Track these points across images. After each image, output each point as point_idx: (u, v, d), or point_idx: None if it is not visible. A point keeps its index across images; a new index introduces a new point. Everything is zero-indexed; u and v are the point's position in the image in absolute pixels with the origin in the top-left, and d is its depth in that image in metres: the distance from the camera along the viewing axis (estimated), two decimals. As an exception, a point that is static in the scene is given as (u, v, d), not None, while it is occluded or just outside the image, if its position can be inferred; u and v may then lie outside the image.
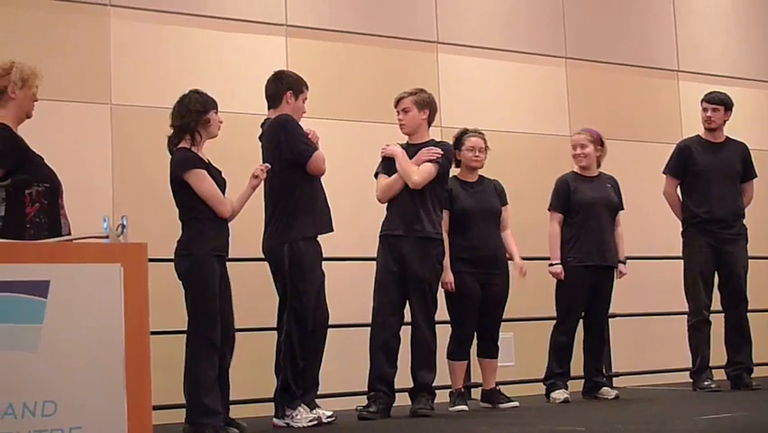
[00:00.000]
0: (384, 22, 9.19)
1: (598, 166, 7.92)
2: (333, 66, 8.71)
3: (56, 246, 3.63)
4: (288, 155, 6.33)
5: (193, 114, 6.03)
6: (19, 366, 3.23)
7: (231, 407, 6.34)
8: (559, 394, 7.55)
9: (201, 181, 5.94)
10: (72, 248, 3.57)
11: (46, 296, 3.29)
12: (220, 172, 6.14)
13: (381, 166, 7.02)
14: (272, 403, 6.44)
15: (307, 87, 6.59)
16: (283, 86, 6.55)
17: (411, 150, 6.99)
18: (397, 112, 7.07)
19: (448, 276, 7.12)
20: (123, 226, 3.54)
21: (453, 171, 7.45)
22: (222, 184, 6.10)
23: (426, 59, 9.37)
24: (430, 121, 7.10)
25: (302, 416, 6.20)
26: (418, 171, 6.84)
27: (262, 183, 6.29)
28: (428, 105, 7.06)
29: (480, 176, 7.48)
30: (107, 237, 3.54)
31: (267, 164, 6.22)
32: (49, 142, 5.46)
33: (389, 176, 6.93)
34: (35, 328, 3.26)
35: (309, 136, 6.43)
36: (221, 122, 6.18)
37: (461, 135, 7.48)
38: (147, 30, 8.14)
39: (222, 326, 5.99)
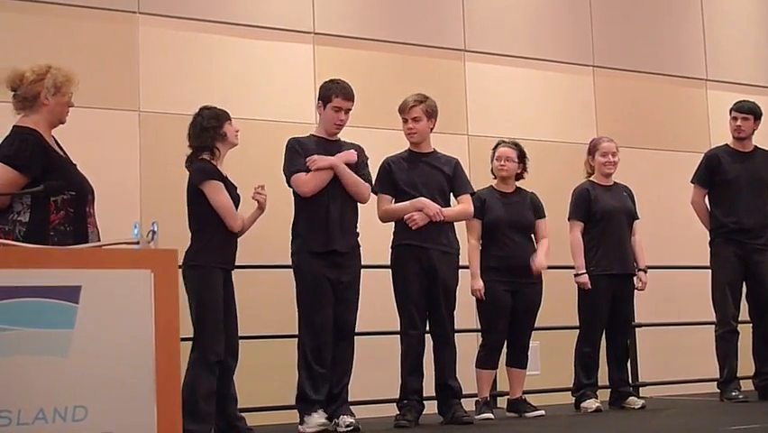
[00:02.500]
0: (412, 30, 9.20)
1: None
2: (361, 74, 8.70)
3: (87, 252, 3.65)
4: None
5: (209, 131, 6.11)
6: (50, 371, 3.24)
7: (259, 414, 6.38)
8: (590, 403, 7.51)
9: (216, 193, 6.01)
10: (103, 254, 3.58)
11: (77, 301, 3.31)
12: (236, 188, 6.19)
13: (380, 184, 6.93)
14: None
15: (339, 95, 6.56)
16: (318, 96, 6.69)
17: (418, 159, 6.98)
18: (405, 120, 6.98)
19: (478, 283, 7.15)
20: (154, 233, 3.55)
21: (491, 181, 7.51)
22: (236, 199, 6.15)
23: (454, 67, 9.38)
24: (432, 128, 7.10)
25: (314, 422, 6.28)
26: (468, 203, 7.00)
27: None
28: (435, 114, 7.03)
29: (517, 187, 7.49)
30: (138, 243, 3.55)
31: (261, 184, 6.34)
32: (77, 149, 5.46)
33: (391, 196, 6.92)
34: (67, 334, 3.28)
35: (308, 161, 6.46)
36: (237, 130, 6.24)
37: (495, 147, 7.50)
38: (175, 37, 8.18)
39: (225, 336, 6.03)
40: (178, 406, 3.48)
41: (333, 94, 6.59)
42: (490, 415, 7.17)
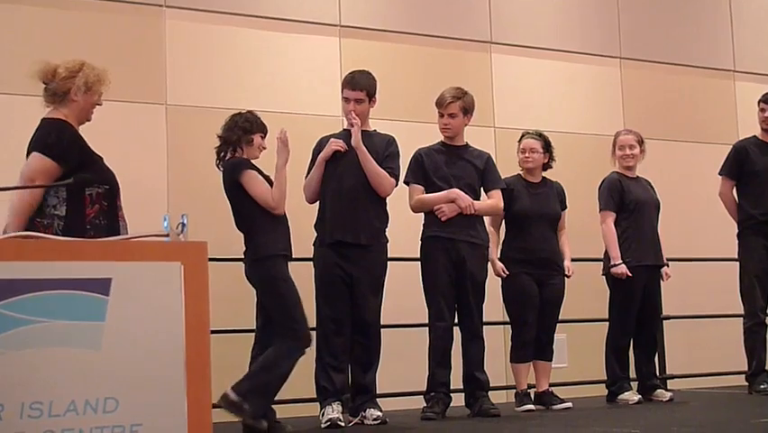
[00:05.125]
0: (438, 22, 9.18)
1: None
2: (387, 66, 8.68)
3: (118, 244, 3.64)
4: None
5: (239, 130, 6.15)
6: (82, 363, 3.24)
7: (299, 405, 6.71)
8: (630, 396, 7.55)
9: (251, 178, 6.02)
10: (133, 246, 3.57)
11: (108, 294, 3.30)
12: (268, 178, 6.19)
13: (412, 174, 6.96)
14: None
15: (345, 86, 6.61)
16: None
17: (451, 152, 7.02)
18: (441, 114, 7.00)
19: (497, 265, 7.19)
20: (184, 225, 3.54)
21: (519, 171, 7.52)
22: None
23: (480, 59, 9.36)
24: (467, 124, 7.11)
25: (327, 416, 6.27)
26: (498, 198, 7.02)
27: None
28: (472, 110, 7.06)
29: (543, 177, 7.49)
30: (167, 236, 3.55)
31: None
32: (103, 141, 5.49)
33: (423, 186, 6.93)
34: (98, 326, 3.28)
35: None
36: (264, 147, 6.24)
37: (520, 139, 7.50)
38: (202, 30, 8.19)
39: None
40: (209, 398, 3.48)
41: (342, 85, 6.64)
42: (532, 406, 7.20)
